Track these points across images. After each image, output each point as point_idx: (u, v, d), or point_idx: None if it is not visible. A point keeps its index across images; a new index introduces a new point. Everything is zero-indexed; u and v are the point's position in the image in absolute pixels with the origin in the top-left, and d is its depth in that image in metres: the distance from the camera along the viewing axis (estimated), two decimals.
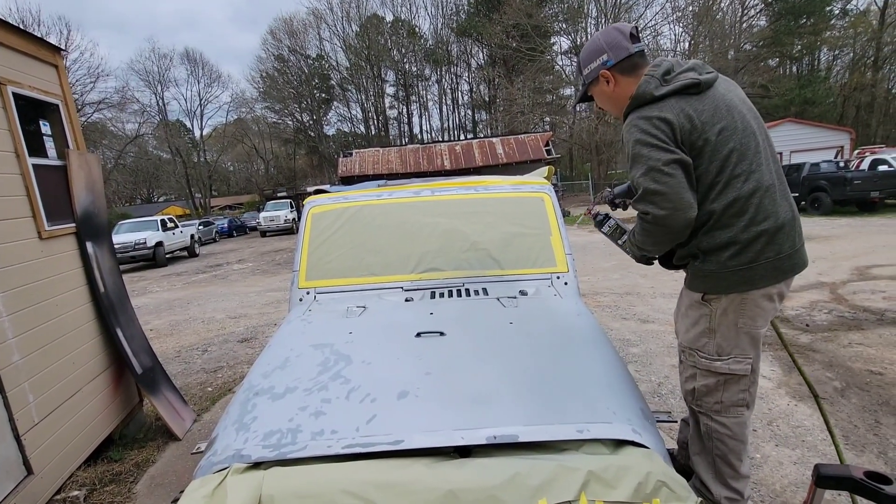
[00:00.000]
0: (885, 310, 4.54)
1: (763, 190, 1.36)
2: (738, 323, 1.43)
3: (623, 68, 1.47)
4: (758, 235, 1.36)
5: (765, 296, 1.41)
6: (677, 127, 1.33)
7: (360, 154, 20.34)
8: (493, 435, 1.07)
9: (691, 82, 1.35)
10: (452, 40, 40.96)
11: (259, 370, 1.46)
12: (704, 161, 1.35)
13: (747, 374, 1.46)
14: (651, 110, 1.35)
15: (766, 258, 1.37)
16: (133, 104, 36.30)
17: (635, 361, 3.72)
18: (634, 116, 1.38)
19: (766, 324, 1.47)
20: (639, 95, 1.38)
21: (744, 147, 1.37)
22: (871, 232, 9.31)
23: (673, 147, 1.32)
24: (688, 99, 1.35)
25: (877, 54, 30.23)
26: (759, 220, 1.35)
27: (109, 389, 2.98)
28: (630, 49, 1.45)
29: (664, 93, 1.35)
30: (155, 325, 6.67)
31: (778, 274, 1.39)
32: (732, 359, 1.44)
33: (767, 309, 1.43)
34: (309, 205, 2.36)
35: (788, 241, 1.40)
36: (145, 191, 45.97)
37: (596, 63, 1.50)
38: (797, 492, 2.13)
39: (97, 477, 2.67)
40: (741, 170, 1.35)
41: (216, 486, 0.97)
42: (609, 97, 1.54)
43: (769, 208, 1.36)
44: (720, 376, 1.46)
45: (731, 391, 1.47)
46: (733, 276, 1.38)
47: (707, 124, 1.34)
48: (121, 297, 3.24)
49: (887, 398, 2.89)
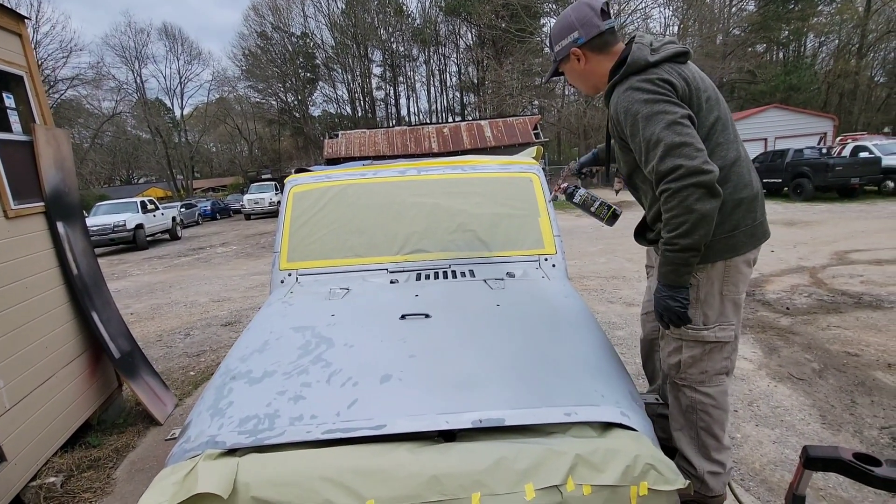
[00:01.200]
0: (862, 293, 4.63)
1: (741, 160, 1.42)
2: (723, 290, 1.45)
3: (594, 46, 1.46)
4: (739, 203, 1.40)
5: (745, 262, 1.46)
6: (678, 87, 1.33)
7: (347, 136, 19.99)
8: (479, 419, 1.04)
9: (680, 50, 1.37)
10: (441, 19, 40.15)
11: (237, 354, 1.41)
12: (696, 126, 1.35)
13: (731, 340, 1.49)
14: (650, 74, 1.33)
15: (746, 225, 1.42)
16: (109, 81, 35.07)
17: (621, 344, 3.75)
18: (633, 80, 1.35)
19: (745, 289, 1.51)
20: (633, 62, 1.36)
21: (725, 117, 1.41)
22: (851, 217, 9.50)
23: (681, 102, 1.32)
24: (678, 66, 1.37)
25: (861, 41, 30.51)
26: (740, 188, 1.40)
27: (86, 374, 2.89)
28: (601, 27, 1.43)
29: (658, 59, 1.34)
30: (135, 308, 6.52)
31: (755, 240, 1.45)
32: (718, 326, 1.46)
33: (747, 274, 1.48)
34: (290, 184, 2.28)
35: (760, 208, 1.47)
36: (124, 172, 44.70)
37: (567, 40, 1.48)
38: (776, 470, 2.17)
39: (74, 463, 2.61)
40: (724, 138, 1.39)
41: (187, 474, 0.92)
42: (580, 75, 1.54)
43: (746, 177, 1.42)
44: (706, 345, 1.48)
45: (715, 359, 1.50)
46: (720, 244, 1.40)
47: (699, 90, 1.37)
48: (96, 280, 3.13)
49: (863, 379, 2.95)
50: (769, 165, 14.04)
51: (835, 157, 12.89)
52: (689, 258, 1.30)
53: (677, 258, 1.30)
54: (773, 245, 7.23)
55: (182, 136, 44.04)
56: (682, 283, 1.34)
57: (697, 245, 1.28)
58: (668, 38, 1.43)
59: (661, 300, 1.38)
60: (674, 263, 1.32)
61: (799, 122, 19.84)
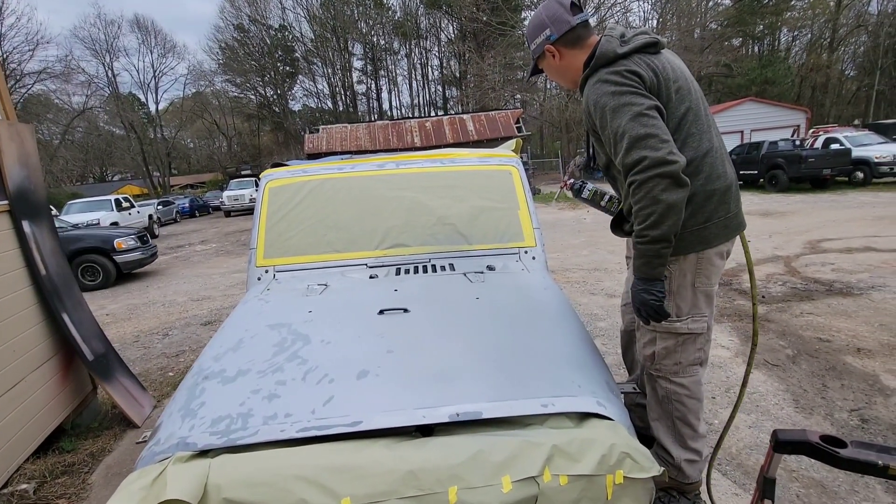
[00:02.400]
0: (833, 281, 4.77)
1: (714, 151, 1.42)
2: (696, 283, 1.47)
3: (567, 41, 1.47)
4: (711, 194, 1.40)
5: (717, 254, 1.47)
6: (646, 78, 1.33)
7: (328, 130, 19.72)
8: (456, 412, 1.03)
9: (650, 41, 1.37)
10: (421, 12, 39.84)
11: (210, 353, 1.38)
12: (665, 117, 1.35)
13: (704, 332, 1.51)
14: (618, 66, 1.33)
15: (719, 217, 1.42)
16: (79, 75, 33.84)
17: (602, 335, 3.80)
18: (601, 73, 1.35)
19: (717, 281, 1.52)
20: (602, 55, 1.36)
21: (696, 108, 1.41)
22: (823, 208, 9.77)
23: (648, 94, 1.32)
24: (648, 57, 1.37)
25: (833, 36, 31.32)
26: (712, 179, 1.40)
27: (58, 377, 2.81)
28: (572, 22, 1.44)
29: (627, 50, 1.35)
30: (111, 309, 6.36)
31: (728, 232, 1.46)
32: (691, 318, 1.48)
33: (719, 266, 1.49)
34: (266, 178, 2.23)
35: (734, 200, 1.47)
36: (98, 169, 43.37)
37: (540, 38, 1.50)
38: (752, 454, 2.22)
39: (48, 469, 2.53)
40: (696, 129, 1.39)
41: (156, 478, 0.89)
42: (557, 70, 1.55)
43: (720, 168, 1.42)
44: (679, 337, 1.50)
45: (689, 351, 1.51)
46: (691, 237, 1.41)
47: (669, 80, 1.37)
48: (66, 280, 3.03)
49: (833, 363, 3.04)
50: (746, 157, 14.34)
51: (808, 149, 13.22)
52: (660, 250, 1.29)
53: (648, 250, 1.30)
54: (750, 235, 7.38)
55: (158, 131, 42.88)
56: (656, 275, 1.33)
57: (666, 236, 1.27)
58: (642, 30, 1.43)
59: (636, 294, 1.38)
60: (646, 256, 1.31)
61: (773, 114, 20.30)
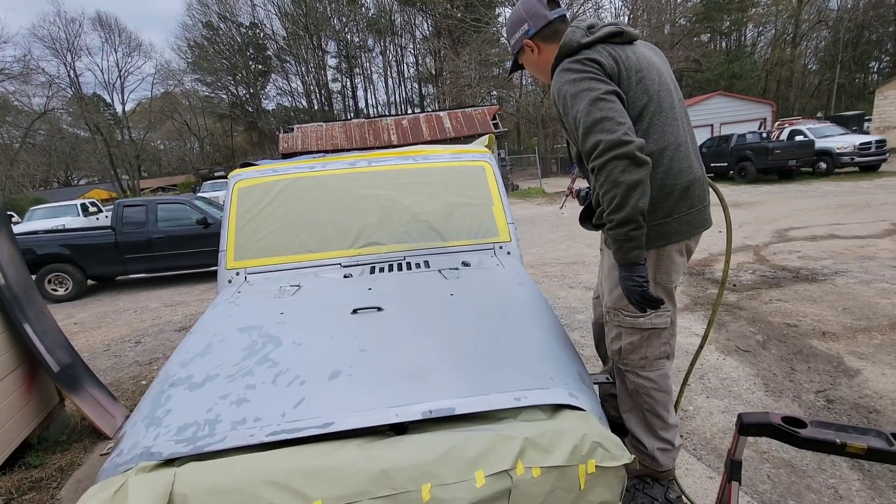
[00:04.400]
0: (799, 268, 4.95)
1: (676, 146, 1.40)
2: (656, 278, 1.48)
3: (545, 36, 1.49)
4: (671, 190, 1.39)
5: (678, 251, 1.47)
6: (606, 66, 1.34)
7: (302, 129, 19.42)
8: (429, 409, 1.03)
9: (615, 30, 1.39)
10: (396, 9, 39.53)
11: (177, 359, 1.33)
12: (625, 104, 1.35)
13: (668, 326, 1.53)
14: (580, 55, 1.35)
15: (680, 212, 1.41)
16: (39, 75, 32.48)
17: (581, 328, 3.84)
18: (565, 62, 1.37)
19: (679, 278, 1.53)
20: (565, 45, 1.38)
21: (660, 100, 1.40)
22: (789, 197, 10.12)
23: (608, 79, 1.32)
24: (612, 46, 1.39)
25: (795, 31, 32.38)
26: (672, 174, 1.39)
27: (21, 391, 2.69)
28: (549, 16, 1.46)
29: (590, 40, 1.36)
30: (80, 318, 6.13)
31: (690, 228, 1.45)
32: (653, 314, 1.49)
33: (679, 263, 1.50)
34: (234, 179, 2.18)
35: (698, 197, 1.45)
36: (62, 173, 41.71)
37: (518, 34, 1.52)
38: (725, 438, 2.28)
39: (14, 485, 2.43)
40: (658, 121, 1.38)
41: (117, 490, 0.86)
42: (536, 65, 1.57)
43: (683, 163, 1.40)
44: (644, 332, 1.52)
45: (654, 345, 1.54)
46: (651, 231, 1.39)
47: (631, 69, 1.37)
48: (27, 289, 2.91)
49: (801, 347, 3.15)
50: (716, 150, 14.72)
51: (774, 141, 13.65)
52: (630, 232, 1.25)
53: (618, 234, 1.27)
54: (721, 226, 7.59)
55: (125, 133, 41.49)
56: (633, 259, 1.29)
57: (632, 216, 1.23)
58: (613, 21, 1.44)
59: (622, 284, 1.34)
60: (618, 241, 1.29)
61: (741, 108, 20.90)
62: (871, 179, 11.68)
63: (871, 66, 35.87)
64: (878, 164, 12.77)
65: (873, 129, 19.02)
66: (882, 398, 2.49)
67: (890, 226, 6.50)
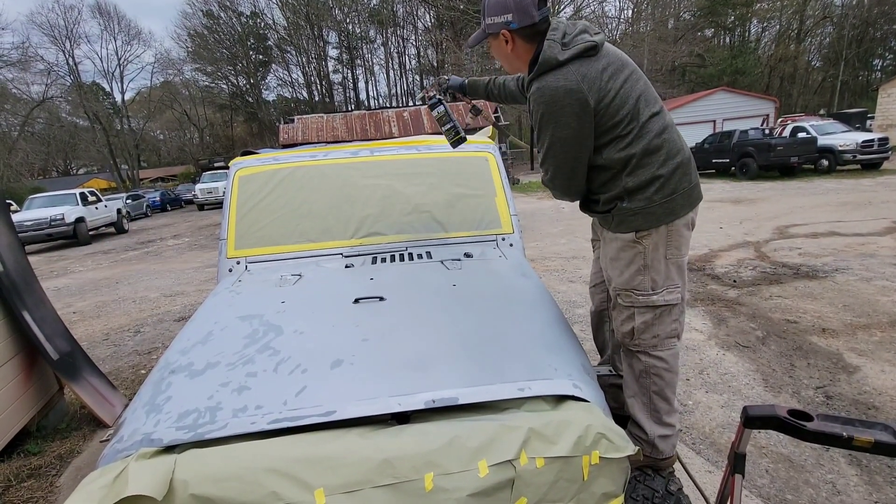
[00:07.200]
0: (800, 264, 4.94)
1: (669, 127, 1.48)
2: (667, 255, 1.52)
3: (524, 34, 1.48)
4: (675, 168, 1.47)
5: (685, 224, 1.53)
6: (584, 92, 1.37)
7: (303, 120, 19.31)
8: (432, 399, 1.02)
9: (589, 45, 1.39)
10: (398, 0, 39.20)
11: (177, 347, 1.32)
12: (617, 109, 1.41)
13: (679, 302, 1.56)
14: (557, 79, 1.38)
15: (683, 188, 1.49)
16: (38, 63, 32.23)
17: (581, 321, 3.84)
18: (543, 81, 1.40)
19: (687, 252, 1.58)
20: (545, 61, 1.40)
21: (647, 90, 1.47)
22: (791, 194, 10.10)
23: (574, 122, 1.40)
24: (588, 62, 1.40)
25: (800, 27, 32.17)
26: (672, 153, 1.47)
27: (20, 378, 2.69)
28: (535, 17, 1.44)
29: (567, 57, 1.38)
30: (79, 307, 6.13)
31: (692, 201, 1.53)
32: (666, 290, 1.52)
33: (687, 237, 1.55)
34: (235, 167, 2.16)
35: (693, 171, 1.54)
36: (61, 162, 41.57)
37: (500, 19, 1.48)
38: (724, 432, 2.29)
39: (13, 473, 2.44)
40: (650, 111, 1.45)
41: (117, 475, 0.85)
42: (504, 56, 1.56)
43: (677, 143, 1.49)
44: (657, 309, 1.54)
45: (666, 322, 1.56)
46: (660, 210, 1.46)
47: (613, 78, 1.41)
48: (26, 277, 2.89)
49: (800, 343, 3.15)
50: (718, 146, 14.65)
51: (776, 138, 13.59)
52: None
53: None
54: (722, 222, 7.59)
55: (124, 122, 41.25)
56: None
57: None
58: (581, 27, 1.44)
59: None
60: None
61: (744, 104, 20.79)
62: (872, 177, 11.65)
63: (874, 63, 35.69)
64: (880, 161, 12.73)
65: (876, 126, 18.96)
66: (881, 395, 2.50)
67: (891, 223, 6.49)
